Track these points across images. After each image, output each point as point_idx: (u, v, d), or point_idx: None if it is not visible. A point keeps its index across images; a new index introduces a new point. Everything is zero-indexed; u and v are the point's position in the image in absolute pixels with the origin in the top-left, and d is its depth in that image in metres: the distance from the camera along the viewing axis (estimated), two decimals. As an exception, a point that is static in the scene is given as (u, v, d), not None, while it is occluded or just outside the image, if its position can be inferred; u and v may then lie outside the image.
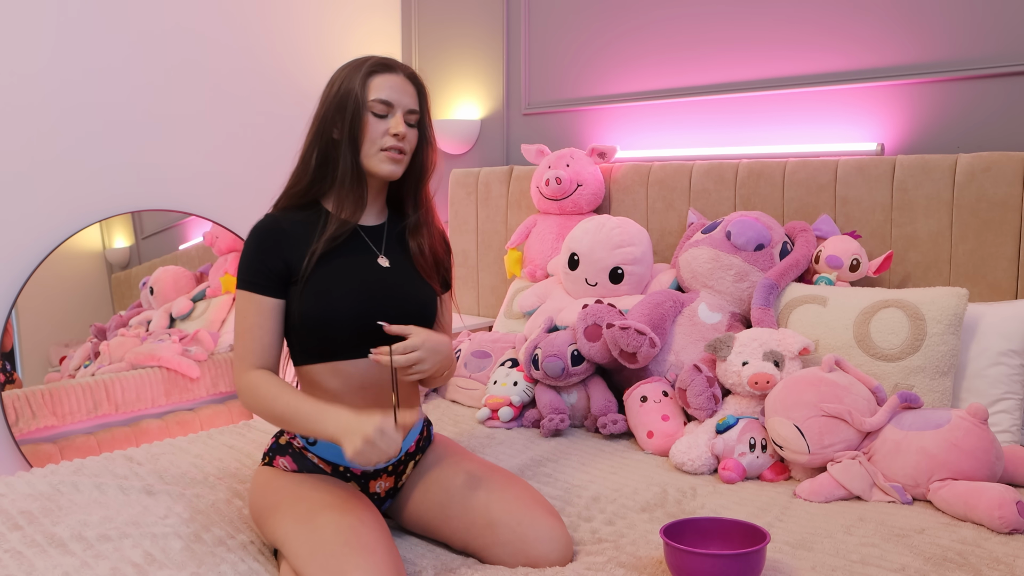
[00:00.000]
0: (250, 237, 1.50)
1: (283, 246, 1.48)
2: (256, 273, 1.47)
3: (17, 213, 2.48)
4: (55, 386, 2.55)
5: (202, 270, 2.90)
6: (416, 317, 1.53)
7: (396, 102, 1.50)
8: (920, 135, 2.22)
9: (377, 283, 1.51)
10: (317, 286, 1.47)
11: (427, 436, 1.66)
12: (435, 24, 3.35)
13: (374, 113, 1.49)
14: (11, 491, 1.64)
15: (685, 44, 2.64)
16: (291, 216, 1.53)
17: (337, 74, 1.54)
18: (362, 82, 1.49)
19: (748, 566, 1.26)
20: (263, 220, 1.52)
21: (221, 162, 2.91)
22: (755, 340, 1.94)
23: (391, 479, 1.56)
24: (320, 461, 1.51)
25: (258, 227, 1.51)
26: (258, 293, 1.47)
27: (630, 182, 2.63)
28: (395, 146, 1.50)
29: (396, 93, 1.50)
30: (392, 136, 1.49)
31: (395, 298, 1.51)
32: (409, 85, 1.53)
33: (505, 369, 2.31)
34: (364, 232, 1.56)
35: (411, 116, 1.53)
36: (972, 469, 1.61)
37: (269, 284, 1.47)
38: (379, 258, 1.54)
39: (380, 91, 1.49)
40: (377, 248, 1.56)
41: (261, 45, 3.01)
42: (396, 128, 1.49)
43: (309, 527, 1.33)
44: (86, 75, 2.59)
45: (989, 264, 2.02)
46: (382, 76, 1.50)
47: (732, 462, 1.80)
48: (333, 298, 1.47)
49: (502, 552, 1.42)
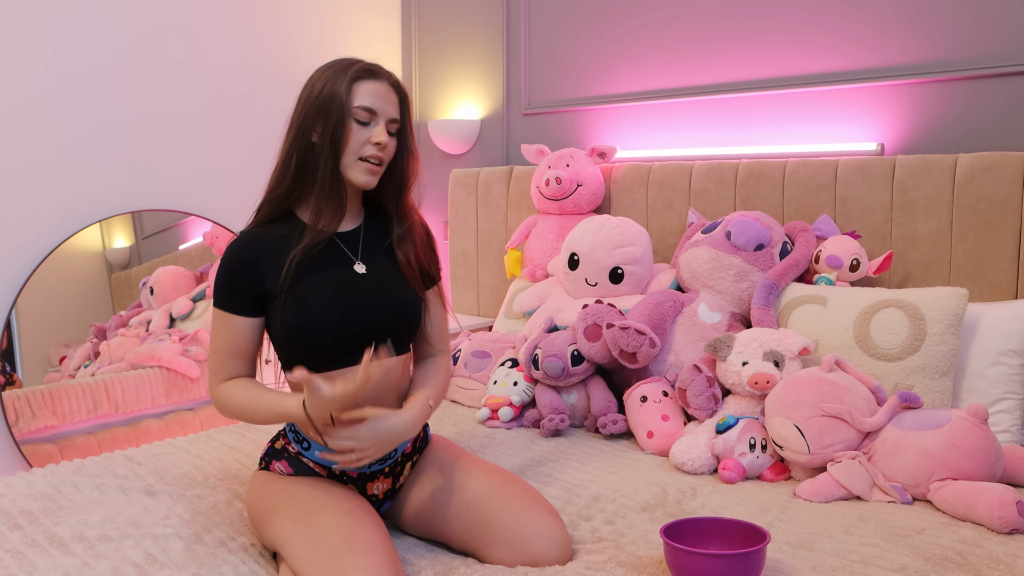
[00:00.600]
0: (225, 256, 1.49)
1: (258, 267, 1.46)
2: (229, 295, 1.47)
3: (17, 213, 2.48)
4: (55, 386, 2.55)
5: (202, 270, 2.90)
6: (397, 319, 1.53)
7: (380, 110, 1.47)
8: (920, 135, 2.22)
9: (355, 290, 1.50)
10: (296, 298, 1.46)
11: (424, 437, 1.65)
12: (435, 24, 3.35)
13: (357, 120, 1.46)
14: (11, 491, 1.64)
15: (685, 44, 2.64)
16: (266, 232, 1.50)
17: (318, 75, 1.50)
18: (347, 87, 1.45)
19: (748, 566, 1.26)
20: (239, 239, 1.50)
21: (221, 162, 2.91)
22: (755, 340, 1.94)
23: (388, 480, 1.56)
24: (316, 466, 1.51)
25: (233, 247, 1.49)
26: (231, 312, 1.47)
27: (630, 182, 2.63)
28: (375, 155, 1.48)
29: (380, 101, 1.47)
30: (374, 145, 1.47)
31: (374, 303, 1.50)
32: (393, 94, 1.50)
33: (505, 369, 2.31)
34: (339, 239, 1.54)
35: (392, 125, 1.50)
36: (972, 469, 1.61)
37: (242, 305, 1.47)
38: (355, 264, 1.53)
39: (365, 98, 1.46)
40: (353, 254, 1.54)
41: (261, 45, 3.01)
42: (378, 137, 1.47)
43: (308, 528, 1.33)
44: (86, 75, 2.59)
45: (989, 264, 2.02)
46: (367, 83, 1.47)
47: (732, 462, 1.80)
48: (312, 309, 1.45)
49: (501, 551, 1.42)
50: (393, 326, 1.52)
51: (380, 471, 1.54)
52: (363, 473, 1.52)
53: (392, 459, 1.55)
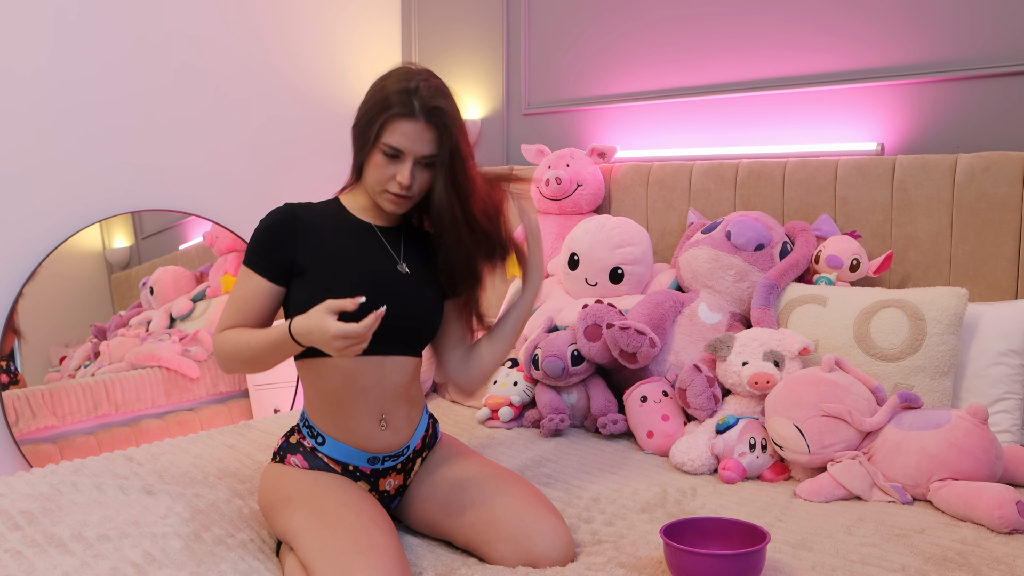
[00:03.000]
0: (266, 219, 1.52)
1: (295, 237, 1.49)
2: (260, 255, 1.49)
3: (17, 213, 2.48)
4: (55, 386, 2.55)
5: (202, 270, 2.90)
6: (418, 321, 1.55)
7: (408, 150, 1.46)
8: (920, 135, 2.22)
9: (393, 289, 1.51)
10: (326, 280, 1.47)
11: (433, 433, 1.67)
12: (435, 24, 3.35)
13: (384, 154, 1.47)
14: (11, 491, 1.64)
15: (685, 44, 2.64)
16: (311, 207, 1.55)
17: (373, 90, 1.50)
18: (382, 122, 1.45)
19: (748, 566, 1.26)
20: (282, 207, 1.53)
21: (221, 162, 2.91)
22: (755, 340, 1.94)
23: (400, 476, 1.58)
24: (331, 461, 1.52)
25: (275, 212, 1.52)
26: (257, 273, 1.49)
27: (630, 182, 2.63)
28: (399, 193, 1.49)
29: (409, 141, 1.45)
30: (396, 183, 1.48)
31: (408, 304, 1.52)
32: (427, 131, 1.45)
33: (505, 369, 2.31)
34: (381, 233, 1.57)
35: (426, 159, 1.49)
36: (972, 469, 1.61)
37: (270, 269, 1.49)
38: (399, 265, 1.55)
39: (393, 136, 1.45)
40: (396, 252, 1.57)
41: (261, 45, 3.01)
42: (401, 178, 1.47)
43: (322, 522, 1.35)
44: (86, 75, 2.59)
45: (989, 264, 2.02)
46: (400, 121, 1.44)
47: (732, 462, 1.80)
48: (341, 292, 1.42)
49: (504, 548, 1.42)
50: (413, 327, 1.55)
51: (393, 467, 1.56)
52: (375, 469, 1.54)
53: (404, 456, 1.56)
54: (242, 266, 1.52)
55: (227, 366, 1.50)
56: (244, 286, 1.50)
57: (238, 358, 1.47)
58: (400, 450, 1.55)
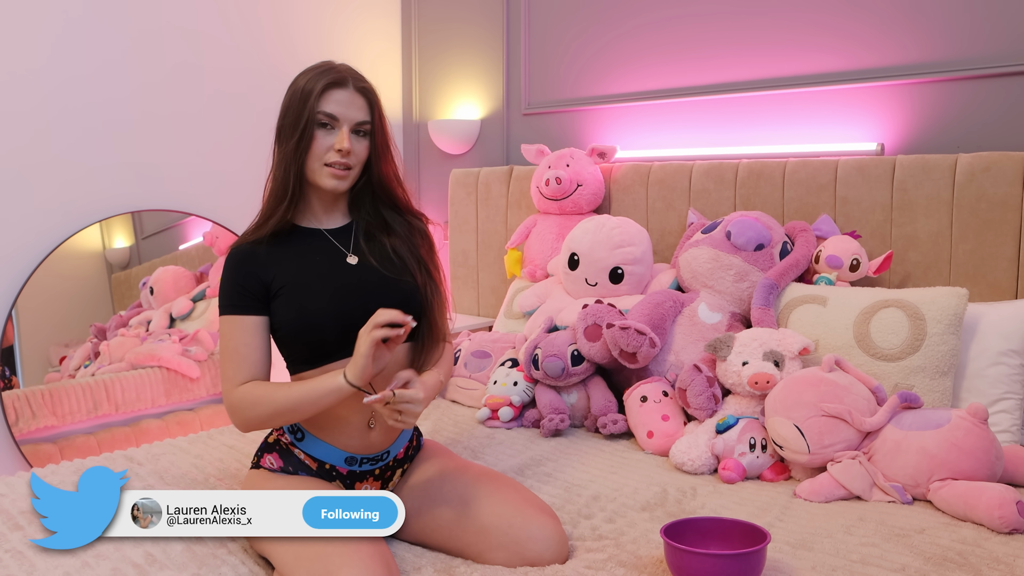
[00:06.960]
0: (227, 262, 1.51)
1: (259, 265, 1.48)
2: (235, 295, 1.48)
3: (17, 213, 2.48)
4: (55, 386, 2.55)
5: (202, 270, 2.90)
6: (401, 307, 1.50)
7: (343, 116, 1.48)
8: (920, 135, 2.22)
9: (347, 281, 1.51)
10: (291, 292, 1.48)
11: (417, 445, 1.66)
12: (435, 24, 3.35)
13: (320, 124, 1.48)
14: (11, 491, 1.64)
15: (685, 44, 2.64)
16: (263, 240, 1.51)
17: (297, 83, 1.52)
18: (316, 97, 1.47)
19: (748, 566, 1.26)
20: (236, 245, 1.53)
21: (221, 162, 2.91)
22: (755, 340, 1.94)
23: (377, 484, 1.57)
24: (306, 457, 1.51)
25: (233, 251, 1.51)
26: (239, 314, 1.47)
27: (630, 182, 2.63)
28: (339, 161, 1.48)
29: (343, 107, 1.48)
30: (336, 152, 1.48)
31: (374, 294, 1.49)
32: (359, 98, 1.50)
33: (505, 369, 2.31)
34: (331, 235, 1.56)
35: (362, 127, 1.50)
36: (972, 469, 1.61)
37: (249, 303, 1.47)
38: (347, 257, 1.54)
39: (328, 104, 1.47)
40: (345, 248, 1.55)
41: (261, 45, 3.01)
42: (339, 143, 1.47)
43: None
44: (86, 75, 2.59)
45: (989, 264, 2.02)
46: (332, 91, 1.48)
47: (732, 462, 1.80)
48: (308, 301, 1.47)
49: (496, 556, 1.42)
50: None
51: (371, 472, 1.55)
52: (352, 471, 1.53)
53: (383, 461, 1.56)
54: (221, 318, 1.49)
55: (249, 425, 1.45)
56: (234, 335, 1.47)
57: (272, 416, 1.43)
58: (380, 454, 1.54)
